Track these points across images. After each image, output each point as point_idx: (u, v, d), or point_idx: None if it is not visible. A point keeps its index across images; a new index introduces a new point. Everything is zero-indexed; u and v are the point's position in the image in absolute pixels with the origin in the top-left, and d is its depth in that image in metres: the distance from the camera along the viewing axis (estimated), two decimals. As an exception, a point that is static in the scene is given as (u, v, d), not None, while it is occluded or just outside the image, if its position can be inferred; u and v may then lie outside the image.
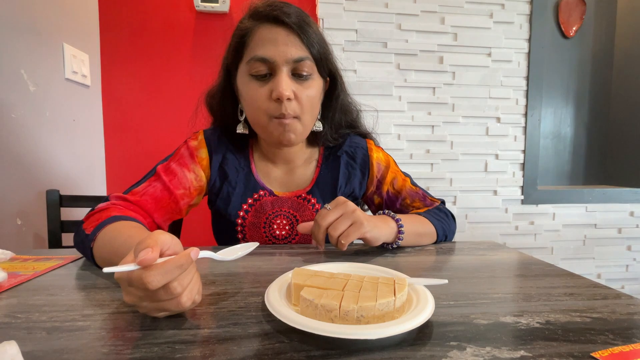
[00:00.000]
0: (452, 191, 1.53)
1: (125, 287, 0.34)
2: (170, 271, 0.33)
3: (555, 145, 1.80)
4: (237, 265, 0.53)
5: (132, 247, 0.37)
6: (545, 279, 0.49)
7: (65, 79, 1.22)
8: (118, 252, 0.45)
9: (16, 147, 1.00)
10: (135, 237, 0.47)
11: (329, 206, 0.58)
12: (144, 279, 0.32)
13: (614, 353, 0.30)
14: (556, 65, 1.75)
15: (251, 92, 0.63)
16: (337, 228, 0.55)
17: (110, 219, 0.54)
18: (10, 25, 0.97)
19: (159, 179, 0.67)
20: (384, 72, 1.45)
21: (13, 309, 0.38)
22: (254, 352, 0.30)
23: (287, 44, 0.61)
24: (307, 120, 0.65)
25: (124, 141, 1.49)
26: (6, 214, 0.97)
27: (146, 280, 0.31)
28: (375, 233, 0.58)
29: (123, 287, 0.35)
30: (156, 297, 0.33)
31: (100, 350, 0.30)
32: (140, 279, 0.32)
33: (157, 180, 0.66)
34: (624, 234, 1.64)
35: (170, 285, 0.33)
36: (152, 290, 0.32)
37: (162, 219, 0.66)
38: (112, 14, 1.44)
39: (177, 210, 0.68)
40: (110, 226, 0.52)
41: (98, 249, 0.51)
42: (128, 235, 0.49)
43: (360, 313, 0.33)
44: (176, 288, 0.33)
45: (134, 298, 0.34)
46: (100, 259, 0.51)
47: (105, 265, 0.48)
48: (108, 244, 0.50)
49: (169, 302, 0.34)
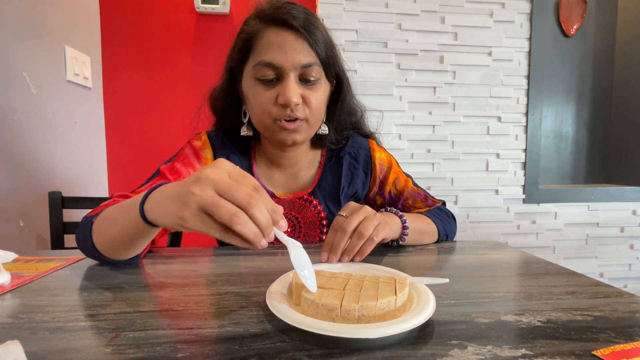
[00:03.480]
0: (454, 191, 1.53)
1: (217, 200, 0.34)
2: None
3: (557, 144, 1.80)
4: (239, 265, 0.54)
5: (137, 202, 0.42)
6: (547, 278, 0.49)
7: (67, 81, 1.22)
8: (122, 209, 0.47)
9: (18, 149, 1.00)
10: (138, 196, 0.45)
11: (345, 213, 0.54)
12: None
13: (615, 351, 0.30)
14: (557, 64, 1.74)
15: (257, 96, 0.62)
16: (368, 228, 0.51)
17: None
18: (12, 28, 0.98)
19: (164, 177, 0.66)
20: (384, 72, 1.45)
21: (16, 309, 0.38)
22: (255, 351, 0.30)
23: (296, 49, 0.59)
24: (313, 123, 0.65)
25: (126, 142, 1.50)
26: (9, 215, 0.97)
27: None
28: (392, 232, 0.58)
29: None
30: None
31: (102, 350, 0.30)
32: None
33: (162, 179, 0.66)
34: (627, 233, 1.63)
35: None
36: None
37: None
38: (113, 16, 1.45)
39: None
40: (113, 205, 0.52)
41: (99, 220, 0.50)
42: (131, 199, 0.47)
43: (361, 312, 0.33)
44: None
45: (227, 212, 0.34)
46: (99, 226, 0.50)
47: (104, 236, 0.49)
48: (110, 211, 0.50)
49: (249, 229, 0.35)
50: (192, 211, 0.35)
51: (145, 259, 0.57)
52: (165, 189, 0.41)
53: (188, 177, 0.38)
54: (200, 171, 0.36)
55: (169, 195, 0.39)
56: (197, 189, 0.35)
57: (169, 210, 0.38)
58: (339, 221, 0.53)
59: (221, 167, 0.37)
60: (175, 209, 0.37)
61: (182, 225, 0.37)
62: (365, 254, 0.51)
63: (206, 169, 0.36)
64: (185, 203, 0.36)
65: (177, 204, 0.37)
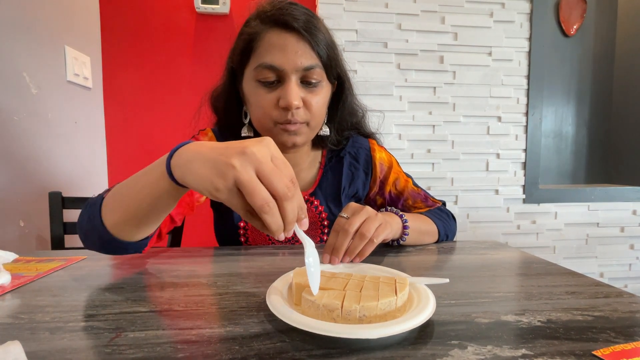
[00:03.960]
0: (454, 191, 1.53)
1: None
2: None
3: (557, 144, 1.80)
4: (239, 266, 0.54)
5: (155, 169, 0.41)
6: (547, 278, 0.49)
7: (67, 82, 1.22)
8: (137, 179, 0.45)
9: (18, 149, 1.00)
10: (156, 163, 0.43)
11: (346, 214, 0.54)
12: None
13: (615, 351, 0.30)
14: (557, 64, 1.75)
15: (258, 98, 0.62)
16: (369, 229, 0.51)
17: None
18: (12, 28, 0.98)
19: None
20: (384, 72, 1.45)
21: (17, 309, 0.38)
22: (255, 351, 0.30)
23: (297, 52, 0.59)
24: (314, 125, 0.65)
25: (126, 143, 1.50)
26: (9, 216, 0.97)
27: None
28: (393, 233, 0.58)
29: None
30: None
31: (103, 350, 0.30)
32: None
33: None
34: (627, 233, 1.63)
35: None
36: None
37: (175, 212, 0.64)
38: (113, 16, 1.45)
39: (189, 204, 0.66)
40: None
41: (113, 191, 0.48)
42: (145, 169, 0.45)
43: (362, 313, 0.33)
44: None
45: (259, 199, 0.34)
46: (114, 197, 0.47)
47: (118, 208, 0.46)
48: (126, 182, 0.47)
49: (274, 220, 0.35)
50: (228, 184, 0.34)
51: (146, 259, 0.57)
52: (198, 147, 0.39)
53: (229, 144, 0.36)
54: (246, 145, 0.35)
55: (205, 157, 0.36)
56: (239, 163, 0.34)
57: (203, 174, 0.36)
58: (341, 222, 0.53)
59: (267, 147, 0.36)
60: (210, 175, 0.35)
61: (212, 194, 0.35)
62: (366, 255, 0.51)
63: (253, 145, 0.35)
64: (223, 174, 0.34)
65: (214, 170, 0.35)
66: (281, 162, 0.36)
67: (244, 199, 0.34)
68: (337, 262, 0.50)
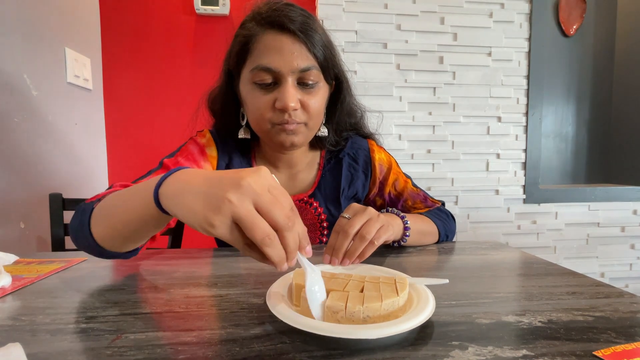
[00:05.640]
0: (454, 191, 1.53)
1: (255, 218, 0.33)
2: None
3: (557, 144, 1.79)
4: (239, 267, 0.54)
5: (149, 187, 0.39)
6: (548, 278, 0.49)
7: (67, 83, 1.22)
8: (131, 194, 0.43)
9: (19, 151, 1.00)
10: (150, 181, 0.41)
11: (347, 215, 0.53)
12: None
13: (616, 351, 0.30)
14: (557, 64, 1.74)
15: (255, 100, 0.62)
16: (370, 231, 0.50)
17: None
18: (12, 30, 0.98)
19: (168, 169, 0.63)
20: (384, 72, 1.45)
21: (17, 311, 0.38)
22: (256, 352, 0.30)
23: (293, 53, 0.59)
24: (312, 126, 0.65)
25: (126, 144, 1.50)
26: (10, 217, 0.97)
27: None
28: (394, 234, 0.58)
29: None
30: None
31: (103, 352, 0.30)
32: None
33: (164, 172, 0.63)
34: (628, 233, 1.63)
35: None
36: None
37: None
38: (113, 18, 1.45)
39: None
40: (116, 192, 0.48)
41: (102, 205, 0.47)
42: (137, 186, 0.44)
43: (366, 314, 0.33)
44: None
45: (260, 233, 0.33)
46: (101, 211, 0.46)
47: (106, 223, 0.45)
48: (115, 196, 0.46)
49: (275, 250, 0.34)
50: (224, 220, 0.32)
51: (145, 260, 0.57)
52: (189, 178, 0.37)
53: (223, 175, 0.34)
54: (242, 176, 0.33)
55: (197, 190, 0.34)
56: (235, 197, 0.32)
57: (195, 209, 0.34)
58: (341, 223, 0.52)
59: (264, 178, 0.34)
60: (204, 210, 0.33)
61: (206, 230, 0.33)
62: (366, 257, 0.51)
63: (248, 176, 0.33)
64: (218, 209, 0.32)
65: (208, 205, 0.33)
66: (279, 192, 0.35)
67: (242, 233, 0.33)
68: (337, 264, 0.50)
